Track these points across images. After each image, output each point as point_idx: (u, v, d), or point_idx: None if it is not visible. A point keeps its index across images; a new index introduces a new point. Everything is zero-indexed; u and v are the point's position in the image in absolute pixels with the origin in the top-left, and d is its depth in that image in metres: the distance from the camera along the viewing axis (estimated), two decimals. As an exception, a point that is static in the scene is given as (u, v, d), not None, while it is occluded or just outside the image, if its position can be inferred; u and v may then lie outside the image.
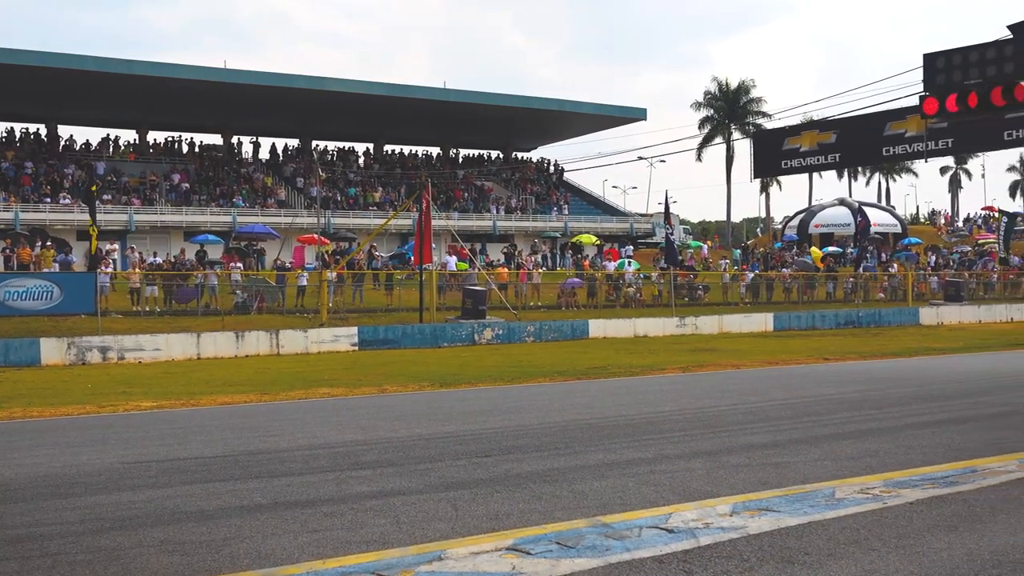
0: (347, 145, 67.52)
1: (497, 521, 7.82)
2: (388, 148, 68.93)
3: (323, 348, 29.43)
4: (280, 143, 65.22)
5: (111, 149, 58.90)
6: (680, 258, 49.40)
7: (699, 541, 7.09)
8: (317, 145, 66.59)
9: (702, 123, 76.37)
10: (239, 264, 39.91)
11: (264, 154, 63.32)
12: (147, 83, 52.27)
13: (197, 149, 61.65)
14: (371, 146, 68.21)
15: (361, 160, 66.35)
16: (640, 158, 57.14)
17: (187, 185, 55.82)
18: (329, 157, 64.85)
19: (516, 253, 50.39)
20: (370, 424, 14.00)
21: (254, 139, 63.52)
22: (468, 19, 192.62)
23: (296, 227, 51.38)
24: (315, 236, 43.81)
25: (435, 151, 71.27)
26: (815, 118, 31.20)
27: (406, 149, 69.11)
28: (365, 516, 8.06)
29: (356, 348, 29.94)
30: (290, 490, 9.21)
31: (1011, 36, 13.92)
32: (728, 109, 75.50)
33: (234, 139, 63.59)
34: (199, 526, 7.81)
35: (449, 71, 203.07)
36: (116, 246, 43.81)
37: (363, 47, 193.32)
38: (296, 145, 65.91)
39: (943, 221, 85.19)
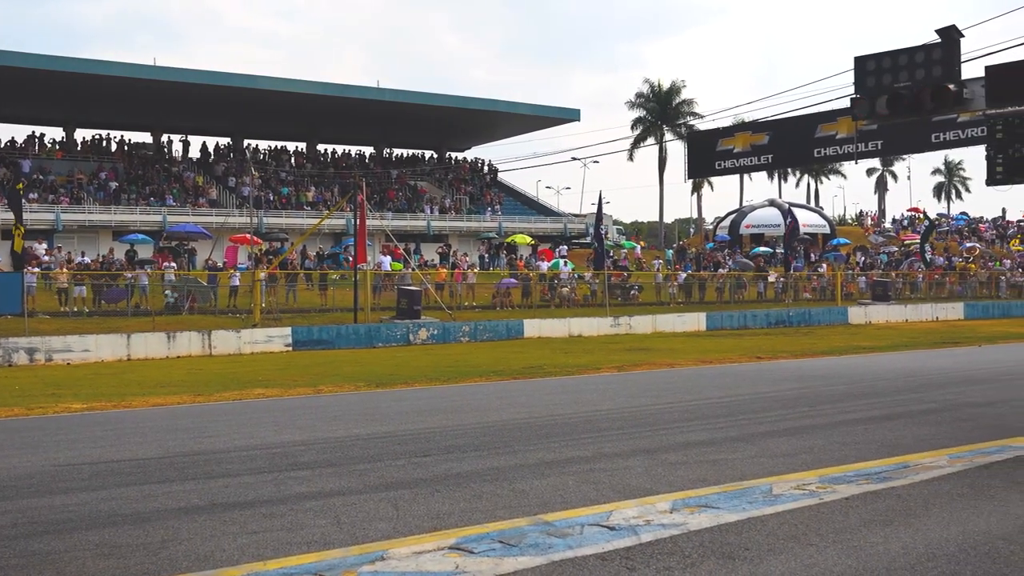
0: (280, 144, 66.96)
1: (439, 520, 7.80)
2: (322, 147, 68.46)
3: (256, 349, 29.16)
4: (212, 142, 64.51)
5: (37, 147, 57.78)
6: (613, 257, 49.68)
7: (641, 538, 7.14)
8: (250, 144, 65.93)
9: (634, 124, 76.84)
10: (170, 264, 39.37)
11: (195, 153, 62.53)
12: (74, 80, 51.37)
13: (126, 147, 60.68)
14: (304, 145, 67.71)
15: (294, 159, 65.80)
16: (574, 159, 57.55)
17: (116, 184, 54.95)
18: (262, 156, 64.24)
19: (451, 253, 50.33)
20: (307, 424, 13.89)
21: (184, 137, 62.71)
22: (404, 19, 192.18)
23: (228, 227, 50.77)
24: (248, 236, 43.35)
25: (369, 151, 70.94)
26: (747, 120, 31.56)
27: (340, 149, 68.71)
28: (305, 517, 8.00)
29: (290, 349, 29.71)
30: (228, 491, 9.11)
31: (939, 40, 14.19)
32: (660, 110, 76.05)
33: (164, 137, 62.72)
34: (135, 529, 7.69)
35: (385, 71, 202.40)
36: (44, 245, 43.01)
37: (297, 46, 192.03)
38: (228, 144, 65.19)
39: (870, 222, 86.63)
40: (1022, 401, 15.80)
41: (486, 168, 73.70)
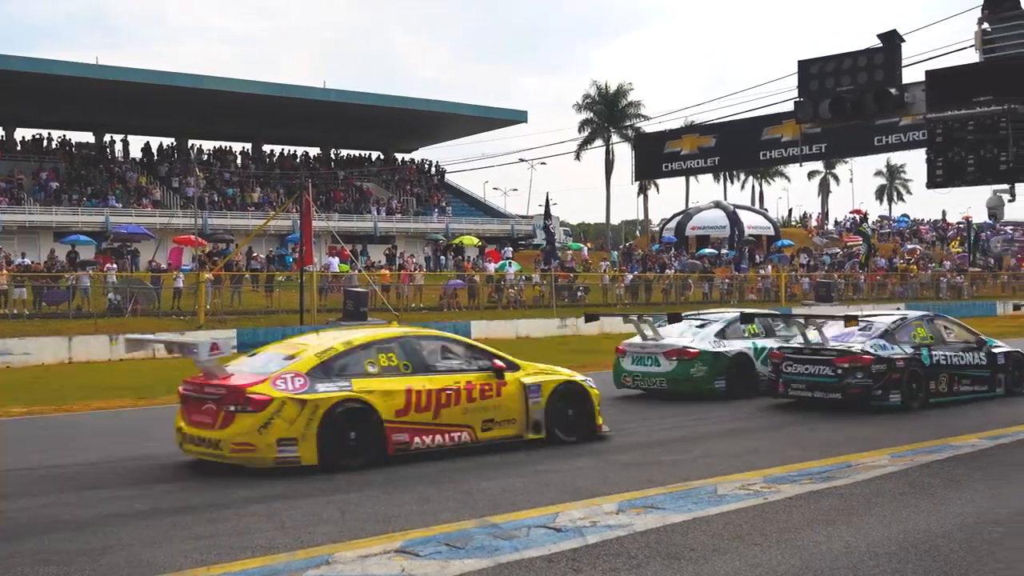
0: (225, 145, 66.31)
1: (385, 524, 7.77)
2: (267, 148, 67.91)
3: (201, 351, 28.83)
4: (155, 142, 63.70)
5: (-24, 147, 56.79)
6: (560, 259, 49.82)
7: (587, 539, 7.16)
8: (194, 144, 65.24)
9: (582, 126, 77.09)
10: (113, 265, 38.83)
11: (139, 153, 61.77)
12: (13, 78, 50.42)
13: (68, 147, 59.80)
14: (250, 146, 67.12)
15: (239, 160, 65.23)
16: (521, 160, 57.55)
17: (57, 184, 54.12)
18: (206, 157, 63.60)
19: (398, 255, 50.18)
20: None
21: (124, 137, 61.88)
22: (353, 19, 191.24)
23: (172, 228, 50.23)
24: (192, 237, 42.90)
25: (315, 151, 70.50)
26: (695, 122, 31.81)
27: (285, 149, 68.19)
28: (250, 521, 7.94)
29: (236, 351, 29.28)
30: (171, 497, 9.02)
31: (881, 45, 14.39)
32: (607, 112, 76.30)
33: (107, 137, 61.89)
34: (75, 535, 7.58)
35: (332, 71, 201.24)
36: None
37: (244, 46, 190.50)
38: (172, 144, 64.45)
39: (814, 224, 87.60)
40: (960, 401, 16.03)
41: (433, 169, 73.55)
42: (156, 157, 61.98)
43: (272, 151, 67.76)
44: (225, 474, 9.99)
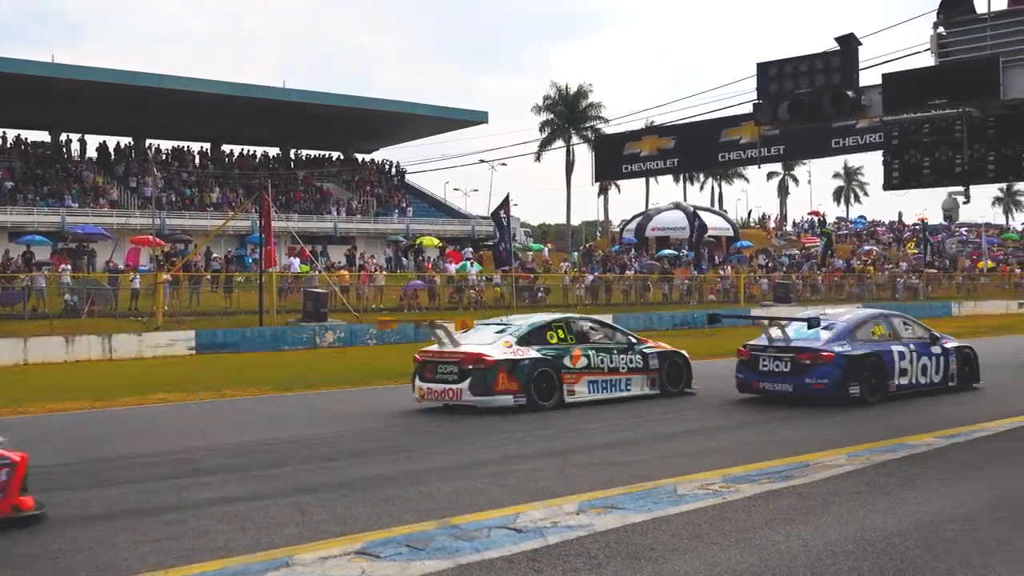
0: (183, 144, 65.76)
1: (345, 525, 7.74)
2: (226, 148, 67.45)
3: (159, 352, 28.60)
4: (112, 141, 63.06)
5: (-71, 145, 55.98)
6: (521, 260, 49.82)
7: (547, 540, 7.17)
8: (152, 144, 64.66)
9: (542, 127, 77.20)
10: (68, 266, 38.39)
11: (95, 152, 61.09)
12: (-33, 76, 49.87)
13: (23, 146, 59.06)
14: (208, 146, 66.64)
15: (198, 160, 64.73)
16: (481, 161, 57.48)
17: (11, 183, 53.44)
18: (164, 156, 63.06)
19: (358, 255, 50.01)
20: (212, 429, 13.69)
21: (81, 136, 61.22)
22: (313, 19, 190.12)
23: (129, 228, 49.79)
24: (149, 237, 42.53)
25: (275, 151, 70.12)
26: (654, 124, 32.01)
27: (245, 149, 67.76)
28: (209, 523, 7.88)
29: (194, 352, 29.22)
30: (128, 499, 8.93)
31: (838, 48, 14.53)
32: (567, 114, 76.45)
33: (63, 136, 61.20)
34: (31, 539, 7.49)
35: (293, 71, 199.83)
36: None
37: (203, 45, 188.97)
38: (129, 143, 63.83)
39: (773, 225, 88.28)
40: (915, 400, 16.21)
41: (394, 170, 73.37)
42: (113, 156, 61.38)
43: (231, 151, 67.31)
44: (184, 476, 9.93)
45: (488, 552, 6.87)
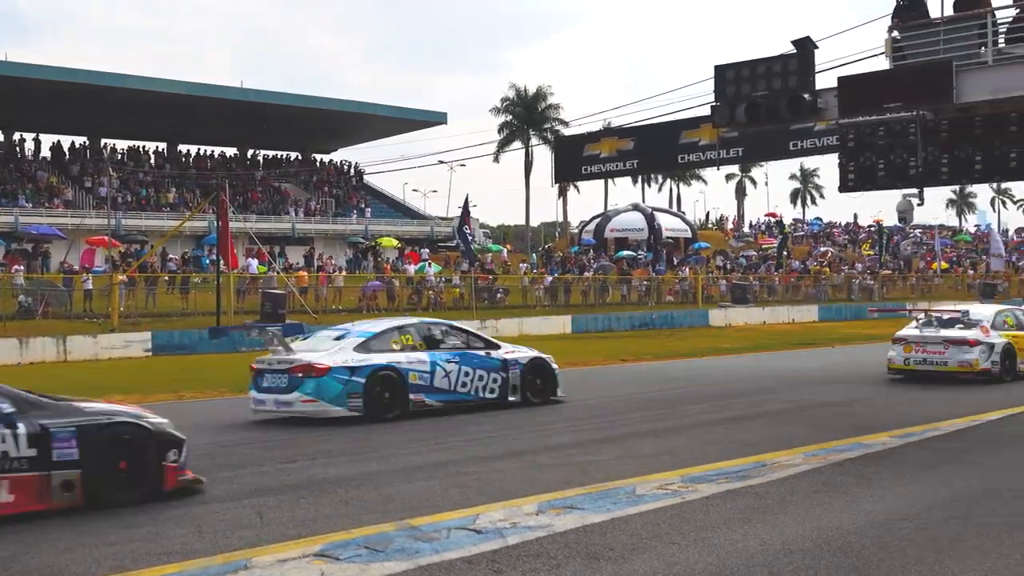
0: (139, 144, 65.13)
1: (304, 527, 7.72)
2: (183, 148, 66.88)
3: (115, 354, 28.31)
4: (67, 140, 62.33)
5: None
6: (479, 260, 49.82)
7: (507, 541, 7.18)
8: (107, 144, 63.98)
9: (501, 128, 77.20)
10: (21, 267, 37.92)
11: (49, 152, 60.38)
12: (-81, 75, 49.16)
13: (-25, 146, 58.30)
14: (165, 146, 66.05)
15: (154, 160, 64.14)
16: (440, 162, 57.35)
17: (-36, 184, 52.76)
18: (120, 156, 62.41)
19: (317, 256, 49.77)
20: (168, 432, 13.55)
21: (35, 136, 60.48)
22: (272, 18, 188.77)
23: (84, 228, 49.19)
24: (105, 238, 42.08)
25: (232, 152, 69.62)
26: (614, 126, 32.19)
27: (202, 149, 67.21)
28: (165, 526, 7.82)
29: (150, 354, 28.95)
30: (85, 502, 8.83)
31: (795, 51, 14.65)
32: (526, 115, 76.48)
33: (16, 136, 60.42)
34: (-15, 543, 7.41)
35: (252, 70, 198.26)
36: None
37: (159, 44, 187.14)
38: (84, 143, 63.13)
39: (730, 226, 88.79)
40: (872, 400, 16.41)
41: (352, 170, 73.08)
42: (68, 156, 60.67)
43: (188, 151, 66.76)
44: (140, 479, 9.83)
45: (448, 553, 6.87)
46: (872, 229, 79.66)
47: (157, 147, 65.55)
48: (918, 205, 16.34)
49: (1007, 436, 12.34)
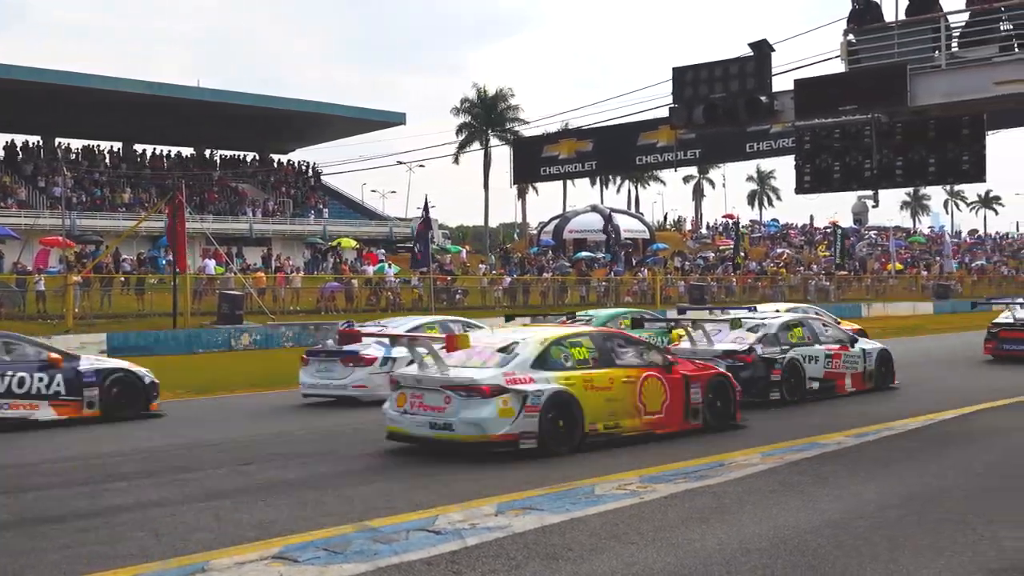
0: (94, 144, 64.44)
1: (262, 530, 7.68)
2: (138, 147, 66.25)
3: (69, 356, 27.98)
4: (20, 140, 61.51)
5: None
6: (436, 262, 49.73)
7: (466, 542, 7.19)
8: (61, 143, 63.24)
9: (460, 129, 77.19)
10: (-29, 269, 37.43)
11: (1, 151, 59.57)
12: None
13: (-75, 145, 57.42)
14: (120, 145, 65.39)
15: (109, 160, 63.48)
16: (399, 162, 57.19)
17: (-85, 183, 51.95)
18: (74, 156, 61.72)
19: (275, 257, 49.48)
20: (124, 434, 13.44)
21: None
22: (227, 17, 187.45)
23: (38, 229, 48.61)
24: (59, 238, 41.58)
25: (189, 151, 69.05)
26: (572, 127, 32.25)
27: (157, 149, 66.61)
28: (122, 530, 7.76)
29: (105, 355, 28.61)
30: (39, 505, 8.75)
31: (752, 54, 14.76)
32: (486, 116, 76.53)
33: (-33, 135, 59.63)
34: (-63, 547, 7.31)
35: (207, 69, 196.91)
36: None
37: (113, 42, 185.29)
38: (38, 142, 62.34)
39: (688, 228, 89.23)
40: (828, 400, 16.53)
41: (310, 171, 72.73)
42: (21, 156, 59.89)
43: (143, 151, 66.15)
44: (97, 482, 9.75)
45: (407, 554, 6.86)
46: (828, 230, 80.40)
47: (112, 147, 64.88)
48: (873, 207, 16.55)
49: (959, 435, 12.51)
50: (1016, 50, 13.43)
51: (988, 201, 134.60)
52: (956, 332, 38.22)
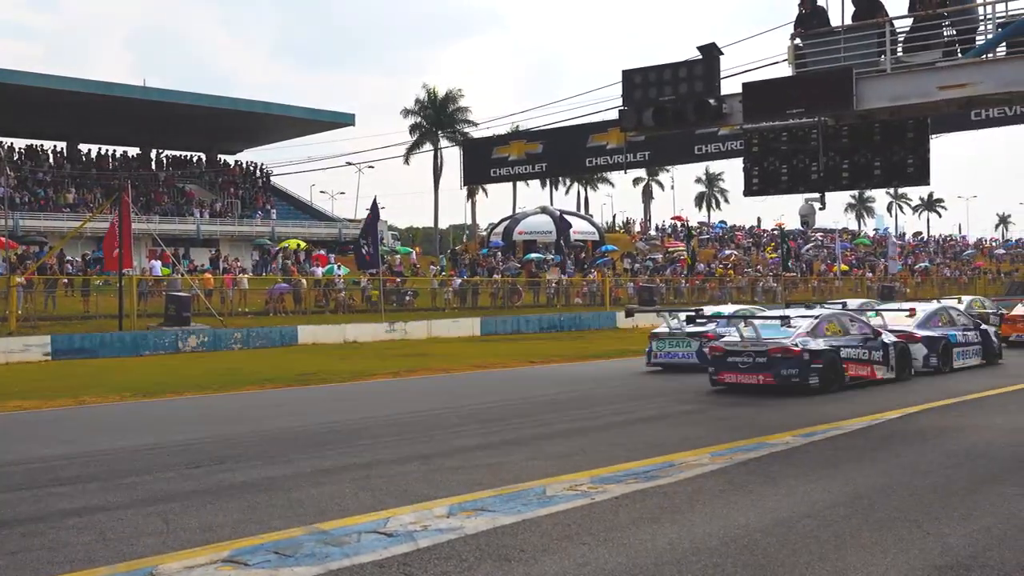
0: (37, 143, 63.54)
1: (211, 533, 7.61)
2: (84, 147, 65.42)
3: (12, 359, 27.54)
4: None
5: None
6: (386, 263, 49.55)
7: (418, 543, 7.17)
8: (3, 142, 62.29)
9: (411, 130, 77.07)
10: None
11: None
12: None
13: None
14: (64, 145, 64.54)
15: (53, 159, 62.62)
16: (348, 163, 57.01)
17: None
18: (17, 156, 60.81)
19: (222, 258, 49.08)
20: (69, 437, 13.27)
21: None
22: (168, 15, 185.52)
23: (-20, 229, 47.88)
24: (1, 239, 40.93)
25: (135, 151, 68.29)
26: (522, 129, 32.35)
27: (103, 149, 65.81)
28: (68, 534, 7.65)
29: (49, 358, 28.23)
30: (-18, 511, 8.60)
31: (701, 57, 14.88)
32: (436, 117, 76.50)
33: (-93, 134, 58.56)
34: None
35: (150, 69, 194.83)
36: None
37: (54, 41, 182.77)
38: (-21, 142, 61.43)
39: (637, 229, 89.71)
40: (775, 400, 16.69)
41: (258, 172, 72.24)
42: (-38, 155, 58.98)
43: (89, 150, 65.35)
44: (41, 486, 9.61)
45: (358, 557, 6.83)
46: (775, 232, 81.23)
47: (56, 146, 64.05)
48: (820, 209, 16.84)
49: (905, 434, 12.66)
50: (959, 55, 13.65)
51: (931, 204, 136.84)
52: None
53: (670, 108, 14.76)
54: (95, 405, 17.56)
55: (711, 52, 14.84)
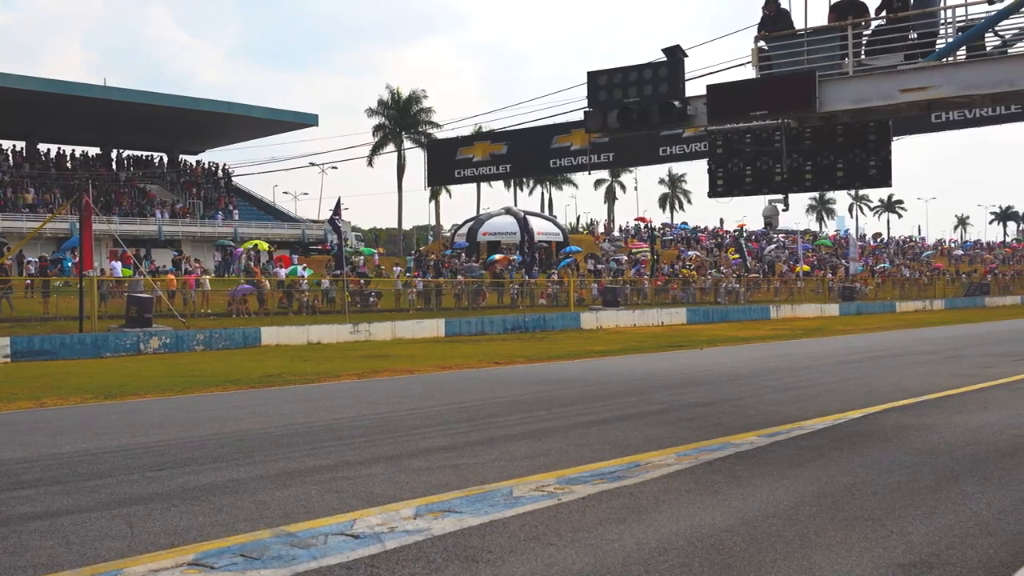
0: (-6, 142, 62.87)
1: (176, 536, 7.55)
2: (43, 147, 64.75)
3: (-30, 361, 27.25)
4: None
5: None
6: (352, 264, 49.42)
7: (385, 545, 7.15)
8: (-40, 142, 61.61)
9: (374, 131, 76.91)
10: None
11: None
12: None
13: None
14: (23, 144, 63.84)
15: (11, 159, 61.92)
16: (312, 164, 56.79)
17: None
18: (-26, 155, 60.13)
19: (184, 259, 48.74)
20: (30, 440, 13.11)
21: None
22: (125, 13, 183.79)
23: (-63, 230, 47.30)
24: (-41, 240, 40.44)
25: (94, 151, 67.67)
26: (486, 130, 32.33)
27: (62, 148, 65.15)
28: (30, 539, 7.56)
29: (8, 360, 27.93)
30: (-58, 515, 8.48)
31: (665, 59, 14.95)
32: (400, 118, 76.38)
33: None
34: None
35: (107, 68, 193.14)
36: None
37: (8, 38, 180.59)
38: (-64, 141, 60.69)
39: (601, 231, 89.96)
40: (740, 401, 16.80)
41: (220, 172, 71.79)
42: (-82, 155, 58.22)
43: (48, 150, 64.68)
44: (1, 490, 9.48)
45: (325, 559, 6.81)
46: (736, 234, 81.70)
47: (15, 145, 63.38)
48: (784, 211, 16.87)
49: (868, 434, 12.78)
50: (920, 59, 13.80)
51: (891, 205, 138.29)
52: (860, 333, 39.14)
53: (635, 110, 14.82)
54: (56, 407, 17.37)
55: (676, 54, 14.92)
